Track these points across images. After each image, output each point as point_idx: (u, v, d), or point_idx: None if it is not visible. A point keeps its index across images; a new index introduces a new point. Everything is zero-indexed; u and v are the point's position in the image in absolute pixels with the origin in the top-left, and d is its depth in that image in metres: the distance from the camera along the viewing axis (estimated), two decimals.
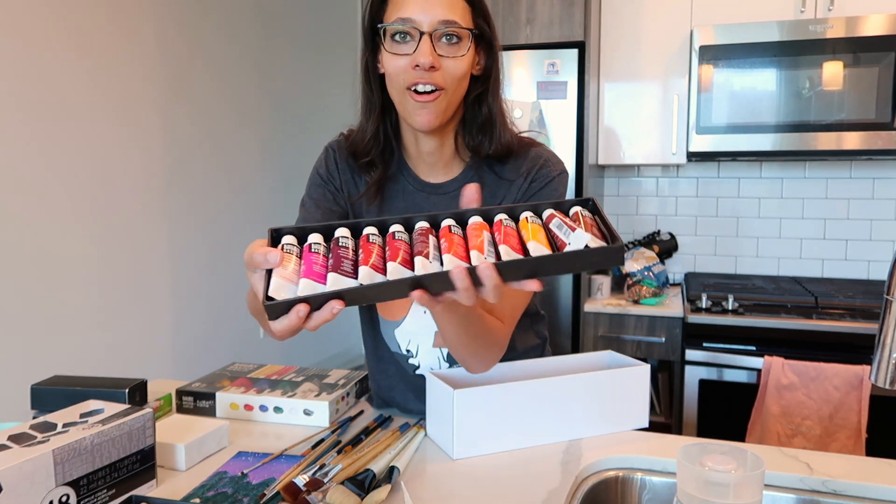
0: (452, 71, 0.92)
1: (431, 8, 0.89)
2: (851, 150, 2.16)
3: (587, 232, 0.69)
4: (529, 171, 1.02)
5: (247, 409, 1.11)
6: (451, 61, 0.92)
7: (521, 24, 2.34)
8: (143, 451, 0.83)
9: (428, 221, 0.75)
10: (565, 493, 0.85)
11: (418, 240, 0.72)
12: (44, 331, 2.28)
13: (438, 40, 0.91)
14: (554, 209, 0.75)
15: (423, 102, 0.92)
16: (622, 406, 1.04)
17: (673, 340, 2.25)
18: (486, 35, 0.97)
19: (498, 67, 1.00)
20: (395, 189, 1.06)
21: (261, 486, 0.86)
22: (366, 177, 1.05)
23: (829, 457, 0.94)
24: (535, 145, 1.05)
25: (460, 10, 0.92)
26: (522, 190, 1.02)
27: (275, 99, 3.50)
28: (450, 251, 0.69)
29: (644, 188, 2.78)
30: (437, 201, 1.05)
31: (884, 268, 2.53)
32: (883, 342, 0.72)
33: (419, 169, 1.06)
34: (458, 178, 1.04)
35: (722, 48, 2.23)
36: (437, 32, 0.90)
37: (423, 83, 0.91)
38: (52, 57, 2.27)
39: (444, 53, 0.91)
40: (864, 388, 1.88)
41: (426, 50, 0.89)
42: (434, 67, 0.90)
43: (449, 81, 0.93)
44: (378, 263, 0.69)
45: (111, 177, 2.52)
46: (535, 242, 0.69)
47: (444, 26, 0.90)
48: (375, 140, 1.02)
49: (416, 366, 1.10)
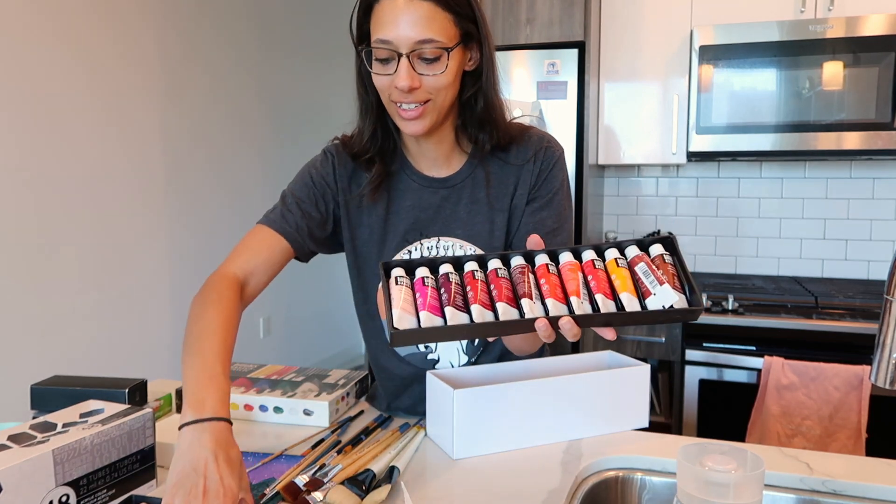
0: (435, 85, 0.93)
1: (408, 29, 0.89)
2: (851, 150, 2.16)
3: (672, 286, 0.76)
4: (536, 155, 1.04)
5: (247, 409, 1.11)
6: (432, 78, 0.92)
7: (521, 24, 2.34)
8: (143, 451, 0.83)
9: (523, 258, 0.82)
10: (565, 493, 0.85)
11: (518, 279, 0.79)
12: (44, 331, 2.27)
13: (417, 59, 0.91)
14: (639, 248, 0.81)
15: (410, 119, 0.94)
16: (622, 406, 1.04)
17: (673, 340, 2.25)
18: (474, 34, 0.96)
19: (492, 60, 0.99)
20: (400, 187, 1.07)
21: (261, 487, 0.86)
22: (367, 174, 1.06)
23: (829, 457, 0.94)
24: (530, 128, 1.08)
25: (438, 23, 0.90)
26: (535, 175, 1.04)
27: (271, 103, 3.50)
28: (551, 295, 0.77)
29: (644, 188, 2.78)
30: (446, 195, 1.06)
31: (884, 268, 2.52)
32: (883, 342, 0.72)
33: (421, 164, 1.07)
34: (462, 171, 1.06)
35: (722, 48, 2.23)
36: (414, 53, 0.90)
37: (406, 102, 0.93)
38: (50, 61, 2.27)
39: (424, 72, 0.91)
40: (864, 388, 1.88)
41: (404, 74, 0.90)
42: (414, 88, 0.91)
43: (433, 93, 0.94)
44: (485, 300, 0.77)
45: (111, 179, 2.52)
46: (627, 294, 0.77)
47: (420, 46, 0.89)
48: (373, 139, 1.03)
49: (436, 360, 1.10)
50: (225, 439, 0.72)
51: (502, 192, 1.05)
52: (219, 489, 0.67)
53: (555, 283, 0.78)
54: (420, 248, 1.06)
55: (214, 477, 0.68)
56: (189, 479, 0.68)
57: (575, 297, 0.77)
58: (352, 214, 1.08)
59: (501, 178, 1.05)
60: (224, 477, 0.68)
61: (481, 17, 0.97)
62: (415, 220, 1.06)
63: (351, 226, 1.09)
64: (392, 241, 1.06)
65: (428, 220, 1.06)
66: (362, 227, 1.08)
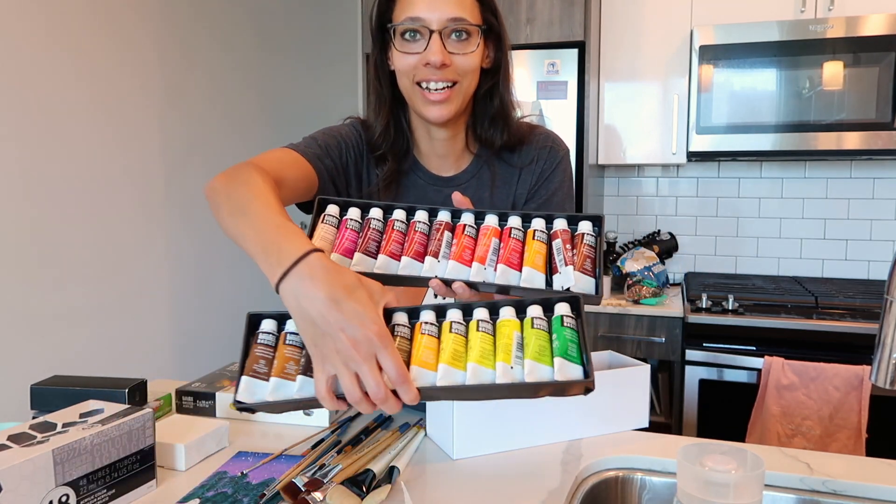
0: (463, 66, 0.94)
1: (440, 6, 0.91)
2: (851, 150, 2.16)
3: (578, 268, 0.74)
4: (539, 155, 1.05)
5: None
6: (462, 57, 0.93)
7: (521, 24, 2.34)
8: (142, 451, 0.83)
9: (449, 213, 0.82)
10: (565, 493, 0.85)
11: (433, 235, 0.80)
12: (43, 331, 2.28)
13: (448, 37, 0.92)
14: (567, 224, 0.79)
15: (436, 101, 0.94)
16: (622, 406, 1.04)
17: (673, 340, 2.25)
18: (495, 28, 0.98)
19: (508, 60, 1.01)
20: (407, 183, 1.08)
21: (261, 486, 0.86)
22: (376, 170, 1.07)
23: (829, 457, 0.94)
24: (536, 127, 1.09)
25: (469, 6, 0.93)
26: (535, 174, 1.05)
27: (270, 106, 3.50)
28: (456, 257, 0.77)
29: (644, 188, 2.78)
30: (449, 194, 1.05)
31: (884, 268, 2.52)
32: (883, 342, 0.72)
33: (429, 163, 1.08)
34: (468, 170, 1.07)
35: (722, 48, 2.23)
36: (447, 30, 0.92)
37: (435, 80, 0.93)
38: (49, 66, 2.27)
39: (454, 50, 0.93)
40: (864, 388, 1.88)
41: (436, 48, 0.91)
42: (445, 65, 0.92)
43: (461, 75, 0.95)
44: (395, 250, 0.78)
45: (110, 178, 2.52)
46: (530, 269, 0.75)
47: (453, 23, 0.91)
48: (386, 135, 1.04)
49: None
50: (330, 272, 0.61)
51: (505, 192, 1.06)
52: (365, 333, 0.58)
53: (465, 245, 0.77)
54: None
55: (350, 324, 0.58)
56: (327, 343, 0.58)
57: (479, 263, 0.75)
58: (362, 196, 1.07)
59: (505, 180, 1.06)
60: (359, 315, 0.58)
61: (500, 15, 0.99)
62: None
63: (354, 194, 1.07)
64: None
65: None
66: None
